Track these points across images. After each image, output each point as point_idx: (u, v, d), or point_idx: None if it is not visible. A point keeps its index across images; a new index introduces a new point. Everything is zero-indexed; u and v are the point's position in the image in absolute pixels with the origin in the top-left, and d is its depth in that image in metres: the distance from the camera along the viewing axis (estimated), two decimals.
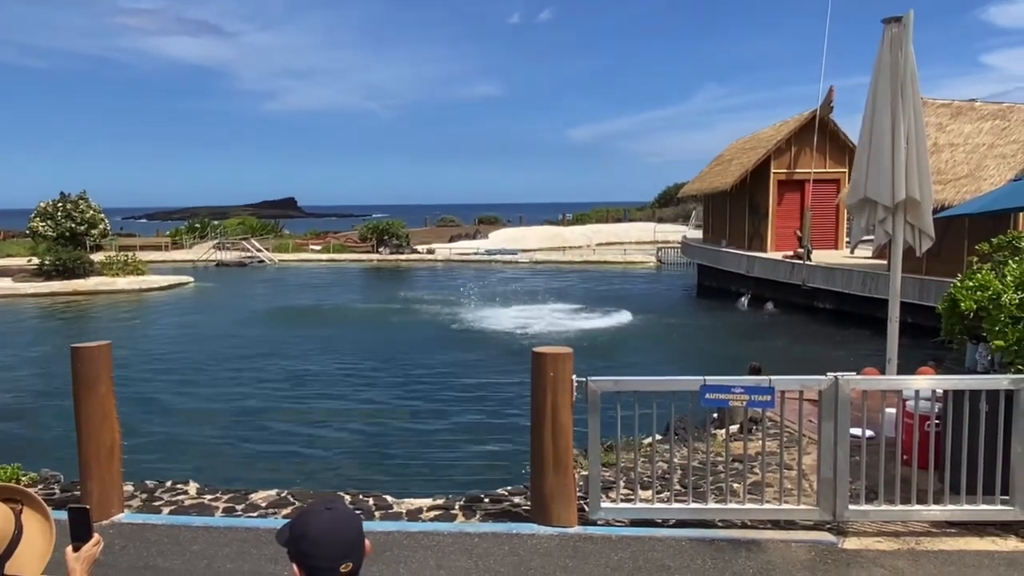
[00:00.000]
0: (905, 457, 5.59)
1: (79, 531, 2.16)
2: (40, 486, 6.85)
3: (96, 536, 2.20)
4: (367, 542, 2.02)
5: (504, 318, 25.18)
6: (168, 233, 57.86)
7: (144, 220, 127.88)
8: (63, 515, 2.20)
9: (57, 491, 6.67)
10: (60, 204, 44.95)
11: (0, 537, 1.97)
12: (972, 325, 6.30)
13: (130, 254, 38.15)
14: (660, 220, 66.94)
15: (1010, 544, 5.20)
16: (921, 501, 5.39)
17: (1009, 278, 6.04)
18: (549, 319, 24.95)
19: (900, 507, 5.40)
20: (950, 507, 5.41)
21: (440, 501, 6.29)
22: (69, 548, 2.14)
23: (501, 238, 56.64)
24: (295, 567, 1.95)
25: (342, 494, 6.74)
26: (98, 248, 44.11)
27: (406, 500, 6.38)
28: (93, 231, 45.62)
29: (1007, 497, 5.30)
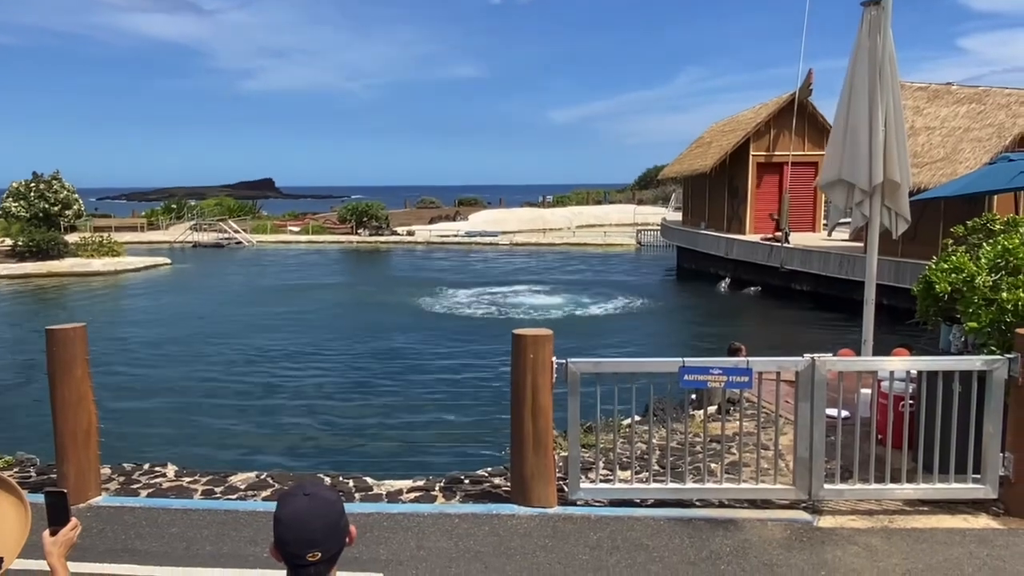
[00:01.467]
0: (880, 437, 5.67)
1: (56, 515, 2.14)
2: (15, 469, 6.78)
3: (73, 520, 2.17)
4: (352, 529, 2.00)
5: (483, 300, 25.19)
6: (144, 214, 57.24)
7: (121, 201, 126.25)
8: (40, 499, 2.18)
9: (33, 474, 6.60)
10: (33, 184, 44.26)
11: None
12: (946, 307, 6.39)
13: (105, 235, 37.72)
14: (640, 202, 67.13)
15: (981, 522, 5.30)
16: (895, 480, 5.47)
17: (983, 260, 6.12)
18: (529, 301, 24.99)
19: (874, 486, 5.48)
20: (923, 486, 5.50)
21: (420, 483, 6.30)
22: (46, 532, 2.12)
23: (481, 220, 56.55)
24: (274, 548, 1.95)
25: (322, 476, 6.73)
26: (73, 229, 43.54)
27: (386, 482, 6.38)
28: (67, 212, 45.00)
29: (978, 476, 5.39)
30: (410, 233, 49.17)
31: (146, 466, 6.78)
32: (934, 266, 6.50)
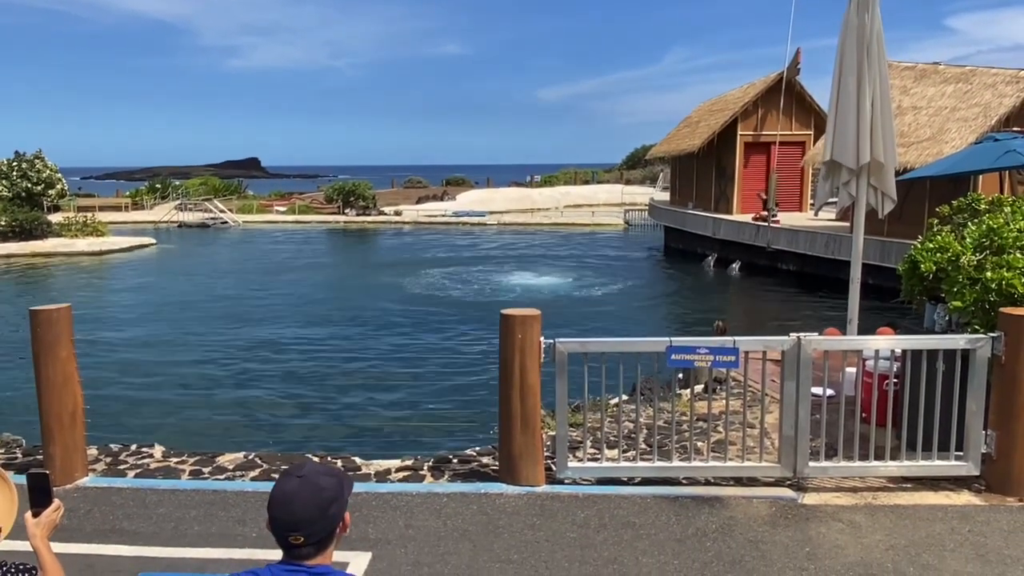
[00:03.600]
0: (864, 415, 5.72)
1: (39, 497, 2.14)
2: (1, 451, 6.75)
3: (56, 502, 2.17)
4: (346, 516, 1.99)
5: (471, 280, 25.17)
6: (128, 194, 56.65)
7: (106, 180, 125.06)
8: (25, 480, 2.17)
9: (19, 455, 6.58)
10: (15, 163, 43.74)
11: None
12: (931, 286, 6.43)
13: (89, 215, 37.33)
14: (628, 182, 67.05)
15: (963, 498, 5.37)
16: (879, 457, 5.53)
17: (968, 240, 6.16)
18: (516, 281, 25.00)
19: (858, 463, 5.54)
20: (907, 463, 5.56)
21: (409, 462, 6.32)
22: (28, 514, 2.12)
23: (469, 200, 56.38)
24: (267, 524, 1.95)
25: (310, 456, 6.74)
26: (56, 209, 43.10)
27: (374, 461, 6.40)
28: (50, 191, 44.54)
29: (961, 453, 5.46)
30: (397, 213, 48.96)
31: (133, 447, 6.77)
32: (919, 246, 6.54)
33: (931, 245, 6.34)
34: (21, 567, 2.01)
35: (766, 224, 24.65)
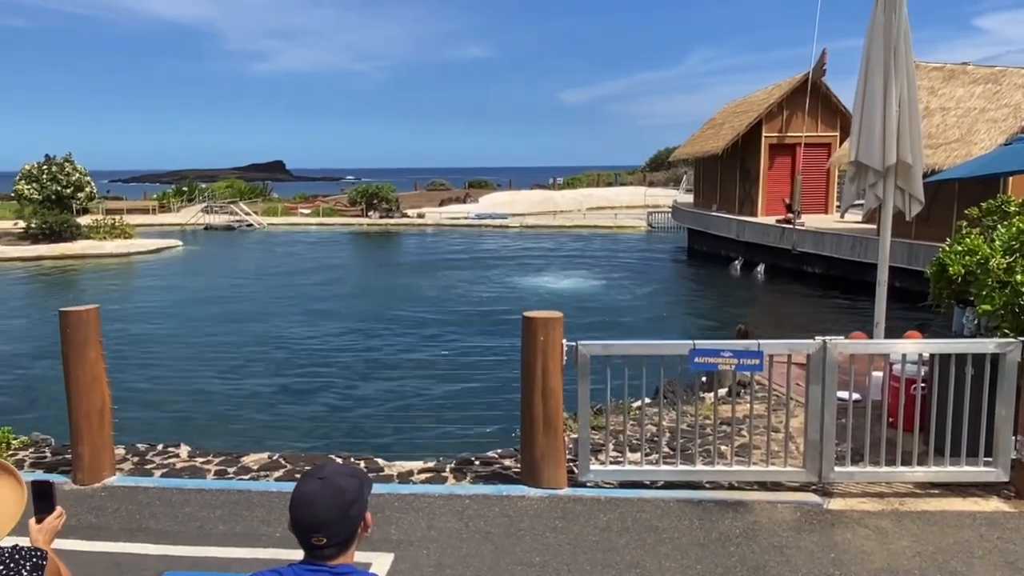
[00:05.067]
0: (891, 420, 5.66)
1: (43, 504, 2.23)
2: (31, 449, 6.85)
3: (59, 509, 2.26)
4: (368, 517, 2.00)
5: (493, 282, 25.19)
6: (155, 196, 57.33)
7: (133, 183, 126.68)
8: (52, 479, 2.23)
9: (48, 454, 6.68)
10: (45, 167, 44.40)
11: None
12: (960, 289, 6.34)
13: (117, 217, 37.83)
14: (651, 184, 66.76)
15: (992, 505, 5.29)
16: (906, 463, 5.46)
17: (997, 243, 6.07)
18: (538, 283, 24.98)
19: (885, 469, 5.48)
20: (934, 469, 5.49)
21: (431, 464, 6.34)
22: (32, 520, 2.21)
23: (491, 202, 56.40)
24: (290, 525, 1.97)
25: (333, 457, 6.78)
26: (85, 211, 43.71)
27: (397, 463, 6.42)
28: (79, 194, 45.15)
29: (990, 459, 5.38)
30: (420, 216, 49.11)
31: (159, 446, 6.85)
32: (948, 248, 6.45)
33: (960, 248, 6.25)
34: (32, 550, 2.07)
35: (791, 226, 24.45)
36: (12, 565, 2.01)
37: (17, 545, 2.08)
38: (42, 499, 2.22)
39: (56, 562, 2.13)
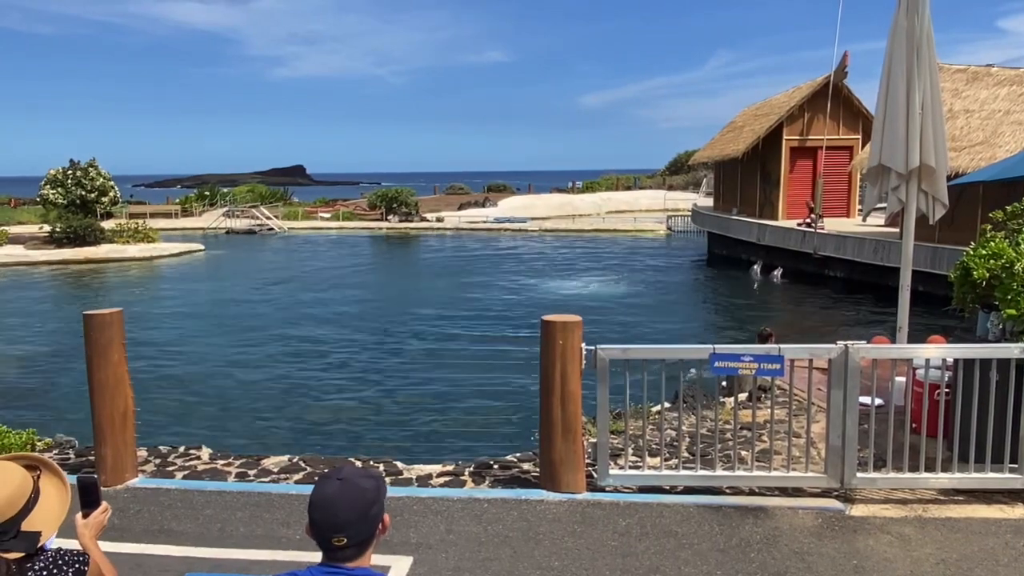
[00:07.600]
0: (914, 425, 5.59)
1: (88, 499, 2.27)
2: (55, 451, 6.94)
3: (104, 504, 2.30)
4: (386, 517, 2.01)
5: (512, 286, 25.20)
6: (178, 201, 57.94)
7: (156, 188, 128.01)
8: (75, 480, 2.26)
9: (72, 456, 6.75)
10: (70, 172, 44.99)
11: (19, 498, 2.07)
12: (984, 294, 6.27)
13: (140, 222, 38.29)
14: (670, 188, 66.54)
15: (1017, 512, 5.21)
16: (929, 469, 5.40)
17: (1023, 246, 5.99)
18: (558, 287, 24.97)
19: (908, 475, 5.41)
20: (958, 475, 5.42)
21: (450, 467, 6.34)
22: (79, 515, 2.26)
23: (510, 206, 56.48)
24: (308, 527, 1.98)
25: (353, 460, 6.80)
26: (108, 216, 44.24)
27: (416, 466, 6.43)
28: (103, 199, 45.71)
29: (1015, 465, 5.30)
30: (439, 219, 49.25)
31: (181, 449, 6.90)
32: (972, 252, 6.37)
33: (984, 251, 6.18)
34: (75, 554, 2.10)
35: (812, 230, 24.26)
36: (55, 571, 2.04)
37: (61, 549, 2.11)
38: (87, 495, 2.26)
39: (98, 564, 2.16)
